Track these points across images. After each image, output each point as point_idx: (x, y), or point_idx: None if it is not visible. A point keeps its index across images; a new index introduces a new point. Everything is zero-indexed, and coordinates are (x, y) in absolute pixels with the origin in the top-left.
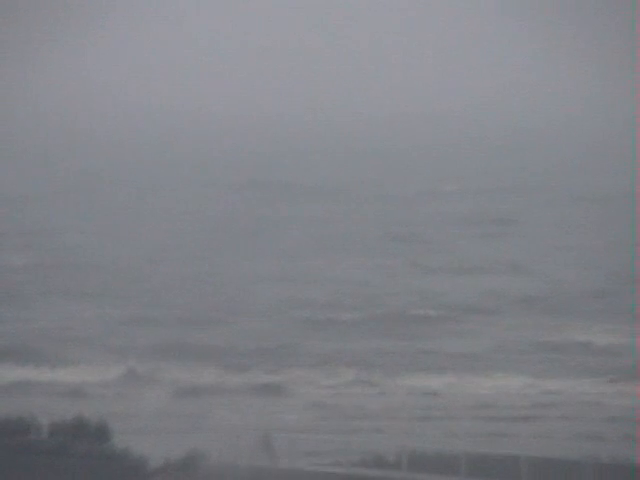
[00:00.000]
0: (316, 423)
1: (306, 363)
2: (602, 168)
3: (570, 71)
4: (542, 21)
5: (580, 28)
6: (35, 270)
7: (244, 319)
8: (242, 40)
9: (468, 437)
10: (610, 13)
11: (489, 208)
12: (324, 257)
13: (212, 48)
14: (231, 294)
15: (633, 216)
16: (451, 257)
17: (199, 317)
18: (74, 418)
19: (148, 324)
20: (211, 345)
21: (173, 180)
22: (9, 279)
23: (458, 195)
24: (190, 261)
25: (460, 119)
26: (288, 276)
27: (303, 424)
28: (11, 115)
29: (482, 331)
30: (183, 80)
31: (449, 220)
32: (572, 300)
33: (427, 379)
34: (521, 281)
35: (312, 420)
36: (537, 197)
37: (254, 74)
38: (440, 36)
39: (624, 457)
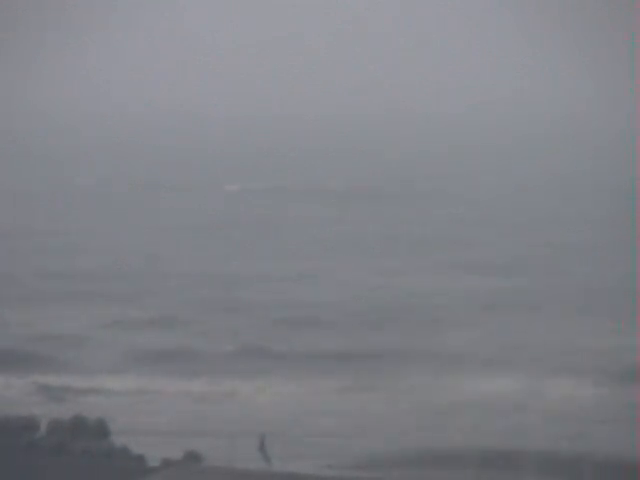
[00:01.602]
0: (312, 426)
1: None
2: (603, 167)
3: (570, 71)
4: (543, 21)
5: (581, 28)
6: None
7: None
8: (242, 40)
9: (467, 434)
10: (611, 13)
11: (493, 209)
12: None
13: (212, 47)
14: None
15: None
16: (460, 258)
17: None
18: (74, 417)
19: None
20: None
21: (182, 182)
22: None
23: (462, 196)
24: (199, 261)
25: (463, 119)
26: (289, 276)
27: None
28: (10, 115)
29: (488, 329)
30: (185, 80)
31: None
32: (584, 298)
33: (426, 381)
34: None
35: (305, 422)
36: (542, 198)
37: (257, 74)
38: (443, 36)
39: (624, 456)
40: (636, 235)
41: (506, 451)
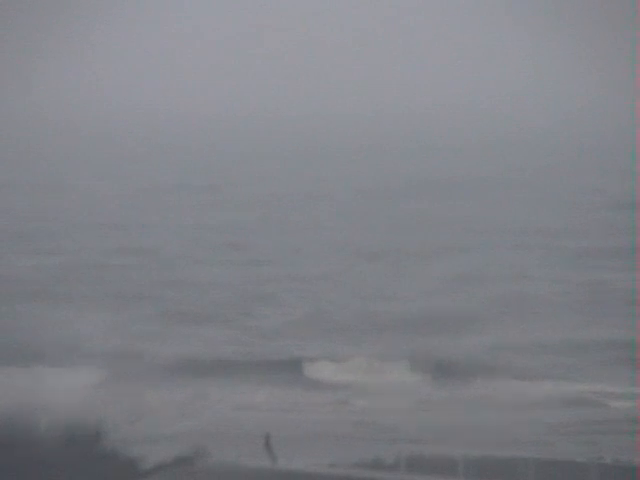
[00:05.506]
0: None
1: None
2: (602, 167)
3: (571, 71)
4: (544, 21)
5: (581, 28)
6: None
7: None
8: (244, 40)
9: (471, 439)
10: (612, 13)
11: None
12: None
13: (214, 48)
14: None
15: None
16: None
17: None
18: (74, 418)
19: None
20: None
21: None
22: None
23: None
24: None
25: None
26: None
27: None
28: (12, 116)
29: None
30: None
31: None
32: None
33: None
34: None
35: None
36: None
37: (263, 74)
38: (446, 37)
39: (627, 458)
40: None
41: (505, 458)
